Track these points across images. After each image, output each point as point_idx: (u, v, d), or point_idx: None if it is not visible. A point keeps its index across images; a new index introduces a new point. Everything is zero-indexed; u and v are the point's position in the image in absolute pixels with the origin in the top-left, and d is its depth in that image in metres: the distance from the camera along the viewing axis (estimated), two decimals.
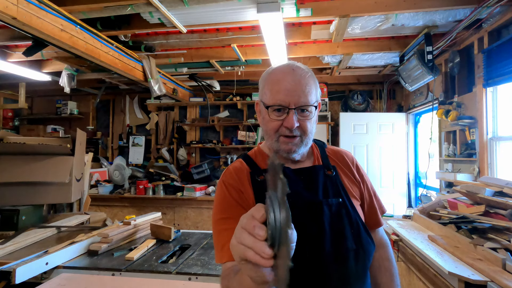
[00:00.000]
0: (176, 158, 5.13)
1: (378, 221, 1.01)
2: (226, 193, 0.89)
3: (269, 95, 0.87)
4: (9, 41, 2.99)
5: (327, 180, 0.92)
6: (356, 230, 0.87)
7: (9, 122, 5.25)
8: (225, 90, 4.94)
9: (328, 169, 0.95)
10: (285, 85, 0.85)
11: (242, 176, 0.91)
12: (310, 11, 2.48)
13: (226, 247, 0.81)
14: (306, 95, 0.85)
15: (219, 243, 0.83)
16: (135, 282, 1.49)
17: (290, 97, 0.84)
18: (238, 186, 0.89)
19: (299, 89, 0.84)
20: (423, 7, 2.41)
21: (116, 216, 4.44)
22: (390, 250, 1.03)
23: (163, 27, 2.75)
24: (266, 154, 0.97)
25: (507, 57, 2.31)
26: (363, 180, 1.00)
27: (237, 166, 0.95)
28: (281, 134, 0.87)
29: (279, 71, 0.88)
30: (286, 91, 0.84)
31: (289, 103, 0.84)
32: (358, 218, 0.90)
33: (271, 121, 0.87)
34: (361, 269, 0.83)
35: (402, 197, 4.34)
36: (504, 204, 1.70)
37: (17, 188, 2.29)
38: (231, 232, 0.71)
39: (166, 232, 2.08)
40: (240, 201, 0.87)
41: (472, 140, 2.76)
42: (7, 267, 1.45)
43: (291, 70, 0.87)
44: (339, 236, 0.85)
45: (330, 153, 1.01)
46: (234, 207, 0.85)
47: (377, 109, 4.81)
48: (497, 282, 1.32)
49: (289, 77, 0.85)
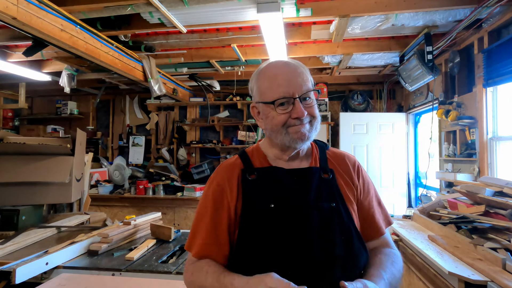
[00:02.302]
0: (176, 158, 5.13)
1: (378, 229, 0.95)
2: (209, 190, 0.93)
3: (270, 91, 0.86)
4: (9, 41, 2.99)
5: (322, 183, 0.89)
6: (347, 236, 0.85)
7: (9, 122, 5.25)
8: (225, 90, 4.94)
9: (324, 172, 0.92)
10: (284, 77, 0.86)
11: (232, 173, 0.92)
12: (310, 11, 2.48)
13: (197, 239, 0.88)
14: (306, 83, 0.87)
15: (192, 231, 0.92)
16: (135, 282, 1.49)
17: (292, 87, 0.85)
18: (223, 185, 0.90)
19: (298, 78, 0.86)
20: (423, 7, 2.41)
21: (116, 216, 4.44)
22: (396, 250, 0.97)
23: (163, 27, 2.75)
24: (263, 153, 0.96)
25: (507, 57, 2.31)
26: (364, 186, 0.96)
27: (231, 162, 0.96)
28: (290, 125, 0.86)
29: (273, 67, 0.90)
30: (287, 82, 0.85)
31: (293, 93, 0.85)
32: (351, 225, 0.87)
33: (277, 115, 0.86)
34: (350, 278, 0.75)
35: (402, 197, 4.34)
36: (504, 204, 1.70)
37: (17, 188, 2.29)
38: (202, 225, 0.89)
39: (166, 232, 2.07)
40: (218, 201, 0.89)
41: (472, 140, 2.76)
42: (7, 267, 1.45)
43: (284, 64, 0.89)
44: (327, 242, 0.82)
45: (331, 155, 0.98)
46: (210, 206, 0.90)
47: (377, 109, 4.81)
48: (497, 282, 1.32)
49: (285, 69, 0.87)
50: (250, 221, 0.85)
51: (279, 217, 0.84)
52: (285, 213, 0.84)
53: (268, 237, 0.82)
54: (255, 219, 0.85)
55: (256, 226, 0.84)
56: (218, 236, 0.87)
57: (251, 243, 0.83)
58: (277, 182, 0.89)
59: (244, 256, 0.81)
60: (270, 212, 0.84)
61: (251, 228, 0.85)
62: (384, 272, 0.83)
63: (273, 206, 0.85)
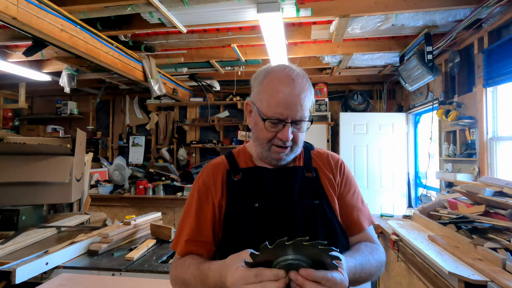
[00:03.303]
0: (176, 158, 5.13)
1: (359, 225, 0.94)
2: (195, 190, 0.94)
3: (266, 105, 0.85)
4: (9, 41, 2.99)
5: (305, 181, 0.92)
6: (331, 233, 0.86)
7: (9, 122, 5.25)
8: (225, 90, 4.94)
9: (308, 171, 0.94)
10: (284, 98, 0.83)
11: (217, 173, 0.94)
12: (310, 11, 2.48)
13: (181, 237, 0.90)
14: (303, 110, 0.85)
15: (177, 230, 0.94)
16: (135, 282, 1.49)
17: (288, 111, 0.83)
18: (209, 183, 0.93)
19: (298, 103, 0.84)
20: (423, 7, 2.41)
21: (116, 216, 4.44)
22: (379, 245, 0.95)
23: (163, 27, 2.75)
24: (248, 153, 0.98)
25: (507, 57, 2.31)
26: (345, 183, 0.97)
27: (217, 162, 0.98)
28: (274, 144, 0.87)
29: (278, 80, 0.85)
30: (285, 104, 0.83)
31: (286, 117, 0.84)
32: (335, 221, 0.89)
33: (266, 131, 0.86)
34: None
35: (402, 197, 4.34)
36: (504, 204, 1.70)
37: (17, 188, 2.29)
38: (187, 223, 0.91)
39: (166, 232, 2.08)
40: (203, 198, 0.92)
41: (472, 140, 2.76)
42: (7, 267, 1.45)
43: (291, 81, 0.84)
44: (311, 238, 0.83)
45: (315, 155, 1.00)
46: (194, 204, 0.92)
47: (377, 109, 4.81)
48: (497, 282, 1.32)
49: (288, 89, 0.83)
50: (234, 219, 0.87)
51: (263, 215, 0.86)
52: (269, 211, 0.86)
53: (252, 234, 0.84)
54: (240, 218, 0.87)
55: (241, 224, 0.86)
56: (202, 232, 0.89)
57: (235, 241, 0.85)
58: (262, 182, 0.91)
59: (229, 253, 0.81)
60: (255, 211, 0.86)
61: (235, 226, 0.87)
62: (358, 255, 0.82)
63: (257, 205, 0.87)
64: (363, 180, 4.36)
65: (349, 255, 0.80)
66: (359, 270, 0.77)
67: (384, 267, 0.91)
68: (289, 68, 0.88)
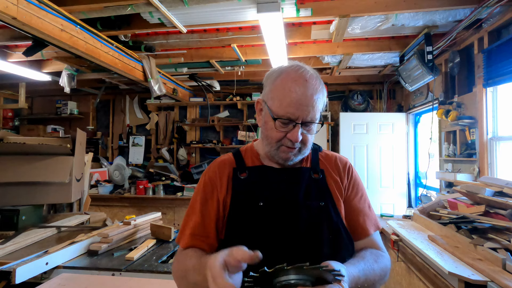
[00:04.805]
0: (176, 158, 5.13)
1: (364, 229, 0.92)
2: (201, 185, 0.94)
3: (278, 105, 0.84)
4: (9, 41, 2.99)
5: (312, 182, 0.91)
6: (336, 235, 0.86)
7: (9, 122, 5.25)
8: (225, 90, 4.93)
9: (315, 172, 0.93)
10: (296, 98, 0.82)
11: (224, 170, 0.94)
12: (310, 11, 2.48)
13: (184, 232, 0.90)
14: (315, 111, 0.84)
15: (182, 224, 0.94)
16: (135, 282, 1.49)
17: (300, 111, 0.82)
18: (214, 179, 0.93)
19: (309, 104, 0.83)
20: (423, 7, 2.41)
21: (116, 216, 4.44)
22: (385, 252, 0.93)
23: (163, 27, 2.75)
24: (256, 152, 0.98)
25: (507, 57, 2.31)
26: (353, 186, 0.96)
27: (224, 159, 0.98)
28: (283, 144, 0.87)
29: (291, 80, 0.84)
30: (297, 105, 0.82)
31: (297, 117, 0.83)
32: (340, 224, 0.88)
33: (275, 131, 0.86)
34: None
35: (402, 197, 4.34)
36: (504, 204, 1.70)
37: (17, 188, 2.29)
38: (191, 218, 0.91)
39: (166, 232, 2.08)
40: (208, 193, 0.92)
41: (472, 140, 2.76)
42: (7, 267, 1.45)
43: (305, 81, 0.83)
44: (314, 240, 0.83)
45: (323, 157, 0.99)
46: (199, 199, 0.92)
47: (377, 109, 4.81)
48: (497, 282, 1.32)
49: (301, 89, 0.83)
50: (238, 217, 0.87)
51: (268, 214, 0.86)
52: (274, 211, 0.86)
53: (255, 233, 0.84)
54: (244, 216, 0.87)
55: (245, 222, 0.86)
56: (206, 227, 0.89)
57: (238, 239, 0.84)
58: (268, 181, 0.90)
59: None
60: (259, 210, 0.86)
61: (239, 224, 0.87)
62: (363, 263, 0.80)
63: (262, 204, 0.87)
64: (363, 180, 4.35)
65: (353, 263, 0.79)
66: (362, 279, 0.76)
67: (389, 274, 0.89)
68: (303, 68, 0.87)
